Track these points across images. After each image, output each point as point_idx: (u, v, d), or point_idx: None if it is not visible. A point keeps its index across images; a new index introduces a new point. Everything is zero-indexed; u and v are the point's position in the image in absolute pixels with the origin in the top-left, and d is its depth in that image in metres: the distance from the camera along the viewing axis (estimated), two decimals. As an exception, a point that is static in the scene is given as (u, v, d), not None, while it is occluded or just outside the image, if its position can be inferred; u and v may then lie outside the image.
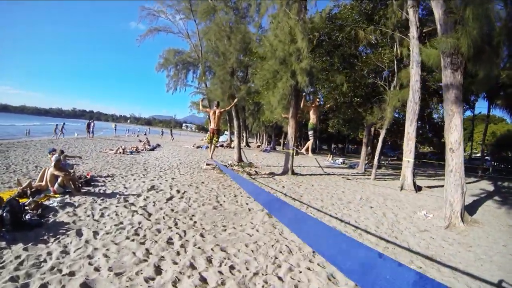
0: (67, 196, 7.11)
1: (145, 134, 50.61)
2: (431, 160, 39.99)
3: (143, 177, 10.17)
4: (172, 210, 6.54)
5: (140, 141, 28.27)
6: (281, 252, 4.75)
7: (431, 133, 35.76)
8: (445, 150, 8.54)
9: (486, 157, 44.35)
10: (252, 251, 4.68)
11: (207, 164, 13.78)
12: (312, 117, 10.06)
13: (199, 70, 30.29)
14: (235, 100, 11.59)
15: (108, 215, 5.85)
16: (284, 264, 4.31)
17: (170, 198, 7.53)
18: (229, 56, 13.51)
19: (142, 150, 20.86)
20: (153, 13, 27.86)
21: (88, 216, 5.72)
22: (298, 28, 11.59)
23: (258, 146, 38.82)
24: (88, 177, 9.10)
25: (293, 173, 13.39)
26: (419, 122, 20.74)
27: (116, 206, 6.48)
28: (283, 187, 10.54)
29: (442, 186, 15.67)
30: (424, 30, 14.78)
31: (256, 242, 5.05)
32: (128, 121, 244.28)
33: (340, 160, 26.81)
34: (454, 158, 8.24)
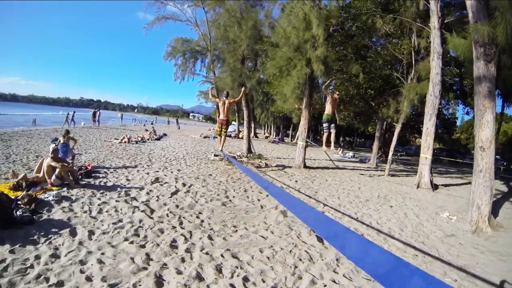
0: (65, 189, 6.62)
1: (151, 124, 50.26)
2: (440, 156, 39.03)
3: (147, 168, 9.66)
4: (177, 206, 5.98)
5: (147, 130, 27.86)
6: (300, 259, 4.16)
7: (441, 129, 34.83)
8: (475, 148, 7.83)
9: (496, 156, 43.20)
10: (268, 258, 4.10)
11: (215, 155, 13.23)
12: (328, 108, 9.37)
13: (207, 59, 29.70)
14: (245, 89, 10.93)
15: (106, 211, 5.33)
16: (306, 275, 3.72)
17: (175, 192, 6.98)
18: (239, 43, 12.82)
19: (148, 139, 20.39)
20: (161, 0, 27.24)
21: (85, 212, 5.21)
22: (314, 14, 10.84)
23: (267, 137, 38.21)
24: (89, 168, 8.61)
25: (305, 166, 12.78)
26: (376, 117, 19.99)
27: (116, 201, 5.96)
28: (296, 181, 9.94)
29: (458, 184, 15.38)
30: (445, 21, 13.90)
31: (271, 246, 4.48)
32: (136, 110, 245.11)
33: (350, 153, 26.08)
34: (485, 158, 7.52)
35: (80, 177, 7.87)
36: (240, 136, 29.03)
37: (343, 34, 15.75)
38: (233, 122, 51.44)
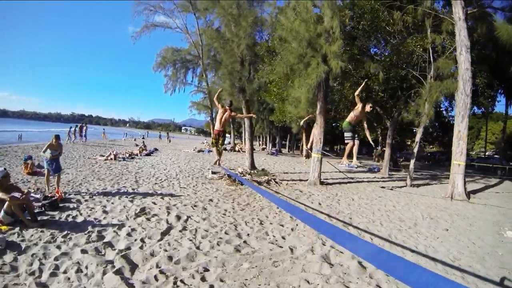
0: (17, 229, 4.81)
1: (143, 138, 48.09)
2: (440, 159, 37.61)
3: (132, 193, 7.73)
4: (170, 258, 4.04)
5: (137, 145, 25.82)
6: None
7: (439, 132, 33.55)
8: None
9: (495, 156, 42.09)
10: None
11: (213, 173, 11.33)
12: (351, 116, 7.67)
13: (199, 68, 28.11)
14: (252, 113, 9.35)
15: (64, 272, 3.49)
16: None
17: (167, 231, 5.05)
18: (238, 42, 11.09)
19: (137, 155, 18.40)
20: (150, 8, 25.65)
21: (32, 274, 3.35)
22: (327, 4, 9.20)
23: (263, 149, 36.26)
24: (58, 196, 6.67)
25: (321, 182, 10.94)
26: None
27: (83, 251, 4.08)
28: (320, 204, 8.03)
29: (481, 190, 13.78)
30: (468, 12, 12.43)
31: None
32: (127, 125, 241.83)
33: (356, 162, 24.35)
34: None
35: (43, 209, 6.00)
36: (237, 149, 27.10)
37: (346, 36, 14.19)
38: (226, 134, 49.53)
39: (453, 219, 7.63)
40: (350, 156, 8.24)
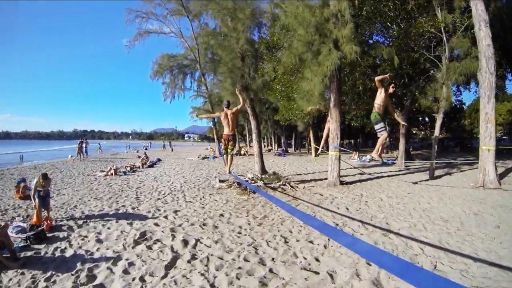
0: None
1: (145, 149, 47.25)
2: (448, 146, 36.38)
3: (131, 214, 6.79)
4: (178, 305, 3.09)
5: (139, 157, 24.95)
6: None
7: (446, 117, 32.39)
8: None
9: (504, 137, 40.88)
10: None
11: (220, 181, 10.36)
12: (378, 104, 6.74)
13: (197, 72, 27.21)
14: (246, 94, 8.35)
15: None
16: None
17: (173, 263, 4.08)
18: (236, 37, 10.12)
19: (139, 167, 17.49)
20: (142, 15, 24.87)
21: None
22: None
23: (269, 150, 35.18)
24: (46, 225, 5.77)
25: (341, 182, 9.93)
26: (401, 110, 17.39)
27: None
28: (347, 209, 7.00)
29: (505, 175, 12.71)
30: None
31: None
32: (130, 137, 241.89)
33: (368, 157, 23.25)
34: None
35: (28, 242, 5.11)
36: (242, 152, 26.11)
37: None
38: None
39: (498, 213, 6.61)
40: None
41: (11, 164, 21.21)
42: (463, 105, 35.32)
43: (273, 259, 4.13)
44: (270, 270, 3.78)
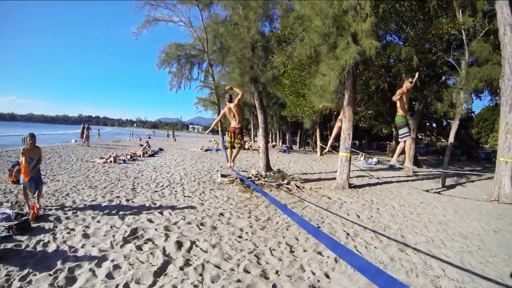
0: None
1: (149, 137, 46.90)
2: (454, 154, 35.58)
3: (125, 206, 6.34)
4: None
5: (141, 145, 24.56)
6: None
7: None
8: None
9: None
10: None
11: (222, 175, 9.88)
12: (401, 106, 6.23)
13: (205, 63, 26.64)
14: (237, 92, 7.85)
15: None
16: None
17: (163, 270, 3.60)
18: (247, 26, 9.55)
19: (140, 156, 17.06)
20: (151, 2, 24.32)
21: None
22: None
23: (274, 146, 34.65)
24: (31, 214, 5.32)
25: (350, 185, 9.40)
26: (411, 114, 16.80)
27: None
28: (358, 216, 6.47)
29: None
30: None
31: None
32: (135, 125, 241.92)
33: (374, 159, 22.66)
34: None
35: (10, 232, 4.68)
36: (246, 147, 25.59)
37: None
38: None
39: (522, 231, 6.09)
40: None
41: (12, 146, 20.88)
42: (472, 114, 34.61)
43: (277, 271, 3.64)
44: (274, 287, 3.29)
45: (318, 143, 24.39)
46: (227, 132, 7.57)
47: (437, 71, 13.51)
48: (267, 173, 9.76)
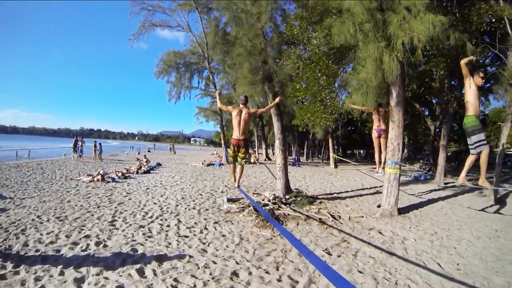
0: None
1: (148, 151, 44.79)
2: (465, 160, 33.04)
3: (91, 256, 4.27)
4: None
5: (138, 159, 22.47)
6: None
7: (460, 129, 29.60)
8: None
9: None
10: None
11: (229, 200, 7.77)
12: (473, 102, 4.26)
13: (206, 70, 24.85)
14: (278, 98, 6.07)
15: None
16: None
17: None
18: (259, 11, 7.55)
19: (134, 173, 14.96)
20: (148, 7, 22.72)
21: None
22: None
23: (280, 158, 32.29)
24: None
25: (401, 212, 7.22)
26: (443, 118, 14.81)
27: None
28: (439, 265, 4.20)
29: None
30: None
31: None
32: (136, 138, 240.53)
33: (381, 170, 20.34)
34: None
35: None
36: (252, 160, 23.42)
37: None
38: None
39: None
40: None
41: (5, 161, 18.97)
42: (486, 116, 32.97)
43: None
44: None
45: (332, 154, 22.26)
46: (231, 145, 5.82)
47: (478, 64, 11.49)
48: (288, 197, 7.60)
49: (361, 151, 47.21)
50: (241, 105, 5.66)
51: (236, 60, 8.07)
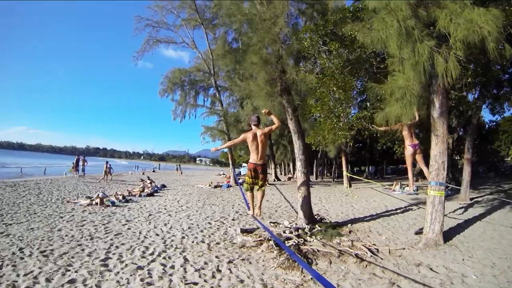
0: None
1: (153, 171, 43.67)
2: (476, 171, 31.85)
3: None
4: None
5: (142, 180, 21.42)
6: None
7: (480, 138, 28.34)
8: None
9: None
10: None
11: (243, 231, 6.70)
12: None
13: (212, 89, 24.19)
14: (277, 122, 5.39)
15: None
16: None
17: None
18: (274, 14, 6.69)
19: (136, 195, 13.94)
20: (152, 24, 22.36)
21: None
22: None
23: (289, 179, 31.04)
24: None
25: (445, 240, 6.06)
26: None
27: None
28: None
29: None
30: None
31: None
32: (142, 157, 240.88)
33: (413, 187, 19.03)
34: None
35: None
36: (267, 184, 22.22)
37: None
38: (243, 164, 43.24)
39: None
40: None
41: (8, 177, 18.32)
42: (499, 126, 31.89)
43: None
44: None
45: (345, 173, 21.08)
46: (247, 170, 5.38)
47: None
48: (314, 228, 6.48)
49: (369, 168, 45.72)
50: (253, 127, 5.22)
51: (250, 70, 7.16)
